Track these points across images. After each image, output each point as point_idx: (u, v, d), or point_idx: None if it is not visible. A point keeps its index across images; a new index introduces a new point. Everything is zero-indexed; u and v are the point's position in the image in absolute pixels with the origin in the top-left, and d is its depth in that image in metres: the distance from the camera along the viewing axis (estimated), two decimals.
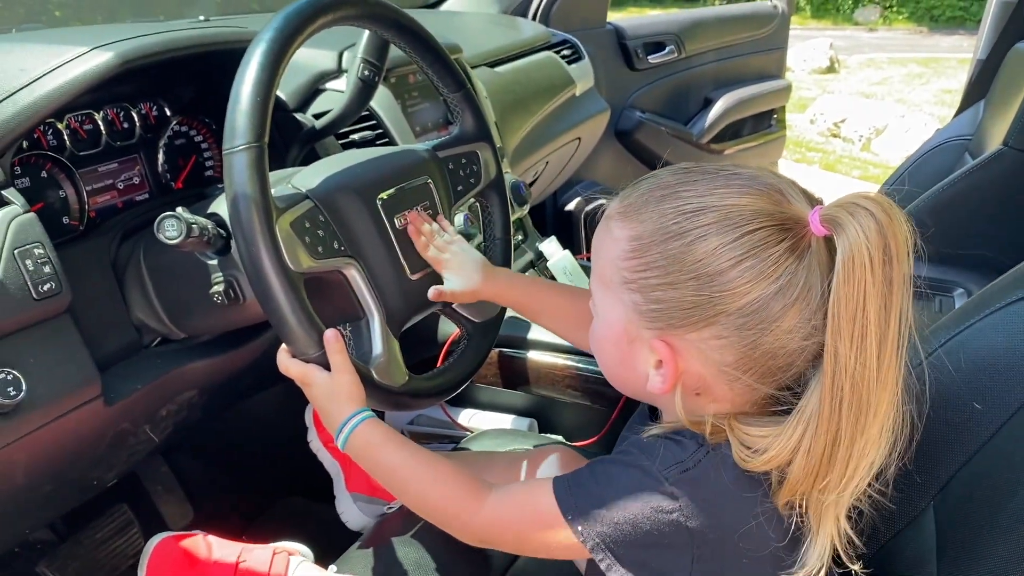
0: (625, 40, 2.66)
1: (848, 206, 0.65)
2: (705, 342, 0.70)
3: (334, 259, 0.89)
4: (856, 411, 0.66)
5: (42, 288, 0.84)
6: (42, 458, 0.91)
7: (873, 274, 0.63)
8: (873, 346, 0.64)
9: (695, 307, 0.68)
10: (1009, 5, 2.40)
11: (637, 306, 0.72)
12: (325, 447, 1.35)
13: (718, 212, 0.68)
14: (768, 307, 0.67)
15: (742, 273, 0.66)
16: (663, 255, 0.69)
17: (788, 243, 0.66)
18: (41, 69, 0.91)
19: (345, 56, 1.37)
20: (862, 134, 6.25)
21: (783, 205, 0.68)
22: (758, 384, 0.70)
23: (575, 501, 0.74)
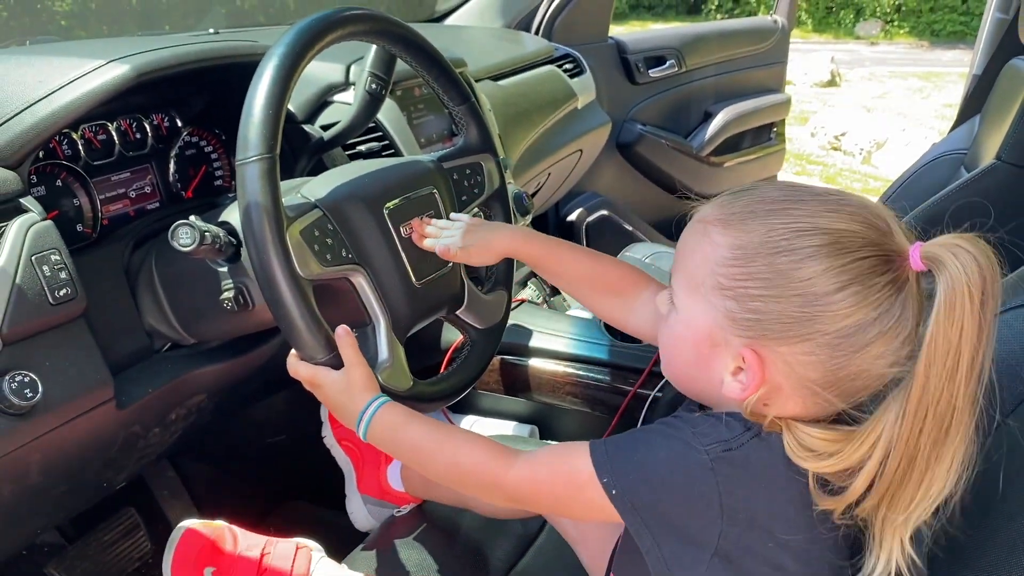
0: (626, 54, 2.69)
1: (949, 246, 0.67)
2: (795, 356, 0.71)
3: (342, 266, 0.92)
4: (935, 438, 0.68)
5: (58, 293, 0.87)
6: (56, 458, 0.93)
7: (972, 312, 0.65)
8: (963, 379, 0.66)
9: (795, 322, 0.70)
10: (1004, 22, 2.43)
11: (730, 313, 0.73)
12: (339, 443, 1.37)
13: (829, 235, 0.69)
14: (863, 332, 0.69)
15: (846, 297, 0.68)
16: (769, 268, 0.71)
17: (891, 275, 0.68)
18: (59, 81, 0.94)
19: (353, 69, 1.40)
20: (863, 147, 6.28)
21: (888, 237, 0.70)
22: (835, 400, 0.72)
23: (611, 463, 0.76)
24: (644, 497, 0.74)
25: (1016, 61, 1.90)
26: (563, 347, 1.47)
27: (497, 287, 1.17)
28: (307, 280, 0.85)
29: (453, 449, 0.86)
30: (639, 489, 0.74)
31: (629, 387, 1.40)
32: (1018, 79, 1.79)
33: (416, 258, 1.00)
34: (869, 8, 14.28)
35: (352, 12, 0.93)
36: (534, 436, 1.53)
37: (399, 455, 0.92)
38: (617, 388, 1.42)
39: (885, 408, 0.70)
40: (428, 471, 0.90)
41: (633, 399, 1.39)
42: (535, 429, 1.54)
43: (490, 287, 1.17)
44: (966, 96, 2.54)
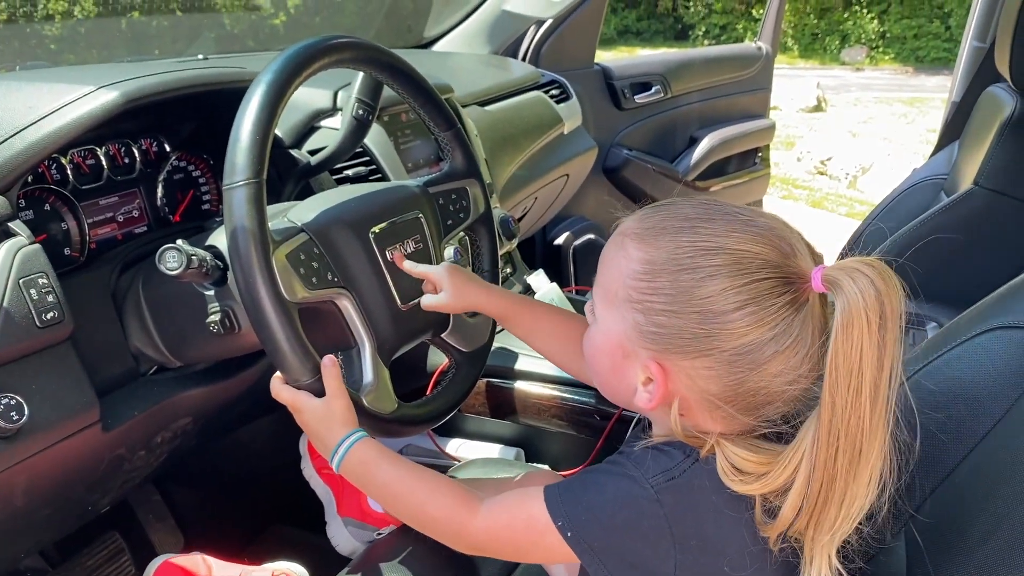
0: (612, 80, 2.72)
1: (848, 269, 0.69)
2: (696, 370, 0.74)
3: (327, 290, 0.93)
4: (850, 458, 0.70)
5: (45, 316, 0.88)
6: (41, 482, 0.94)
7: (869, 334, 0.67)
8: (867, 400, 0.68)
9: (694, 338, 0.72)
10: (981, 50, 2.47)
11: (638, 325, 0.76)
12: (318, 473, 1.38)
13: (731, 255, 0.72)
14: (760, 351, 0.71)
15: (743, 317, 0.70)
16: (673, 284, 0.73)
17: (789, 296, 0.71)
18: (49, 107, 0.95)
19: (340, 95, 1.41)
20: (848, 172, 6.34)
21: (790, 259, 0.72)
22: (737, 414, 0.74)
23: (564, 507, 0.78)
24: (598, 537, 0.76)
25: (993, 88, 1.93)
26: (548, 370, 1.47)
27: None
28: (293, 303, 0.86)
29: (424, 494, 0.87)
30: (592, 529, 0.76)
31: (614, 410, 1.41)
32: (995, 106, 1.82)
33: (401, 281, 1.01)
34: (854, 34, 14.47)
35: (339, 40, 0.95)
36: (519, 459, 1.54)
37: (369, 492, 0.93)
38: (602, 411, 1.43)
39: (804, 431, 0.72)
40: (396, 512, 0.91)
41: (618, 422, 1.40)
42: (521, 452, 1.55)
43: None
44: (946, 122, 2.58)
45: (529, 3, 2.40)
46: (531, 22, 2.47)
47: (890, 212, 2.12)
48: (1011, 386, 0.92)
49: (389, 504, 0.91)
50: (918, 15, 14.09)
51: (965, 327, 1.00)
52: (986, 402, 0.94)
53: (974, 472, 0.93)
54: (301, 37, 0.94)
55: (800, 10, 14.79)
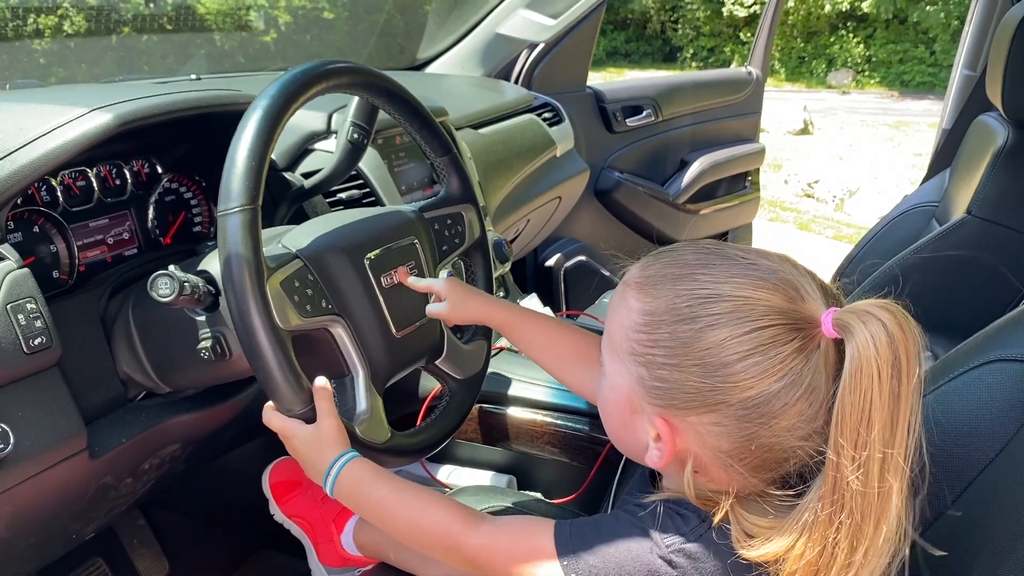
0: (604, 103, 2.73)
1: (861, 314, 0.65)
2: (704, 426, 0.70)
3: (321, 317, 0.91)
4: (858, 520, 0.65)
5: (33, 342, 0.86)
6: (26, 511, 0.91)
7: (880, 385, 0.63)
8: (876, 457, 0.64)
9: (698, 393, 0.69)
10: (972, 78, 2.49)
11: (642, 379, 0.72)
12: (290, 519, 1.36)
13: (731, 303, 0.68)
14: (770, 403, 0.67)
15: (747, 368, 0.66)
16: (672, 336, 0.70)
17: (798, 343, 0.66)
18: (40, 129, 0.94)
19: (335, 118, 1.41)
20: (835, 195, 6.38)
21: (797, 303, 0.68)
22: (750, 475, 0.71)
23: (573, 545, 0.75)
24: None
25: (984, 117, 1.94)
26: (542, 396, 1.46)
27: (477, 337, 1.17)
28: (286, 332, 0.85)
29: (419, 509, 0.86)
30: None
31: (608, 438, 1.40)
32: (986, 135, 1.83)
33: (396, 308, 1.00)
34: (841, 58, 14.63)
35: (337, 65, 0.94)
36: (512, 486, 1.52)
37: (363, 511, 0.90)
38: (596, 438, 1.42)
39: (810, 498, 0.68)
40: (391, 530, 0.89)
41: (612, 449, 1.39)
42: (513, 479, 1.53)
43: (469, 336, 1.17)
44: (936, 150, 2.59)
45: (522, 26, 2.41)
46: (524, 45, 2.48)
47: (881, 239, 2.12)
48: (1011, 419, 0.91)
49: (384, 522, 0.88)
50: (903, 40, 14.26)
51: (963, 359, 1.00)
52: (985, 435, 0.93)
53: (974, 506, 0.92)
54: (291, 54, 0.93)
55: (787, 34, 14.94)
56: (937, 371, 1.03)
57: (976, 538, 0.88)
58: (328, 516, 1.33)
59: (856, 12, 14.38)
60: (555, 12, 2.42)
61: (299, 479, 1.41)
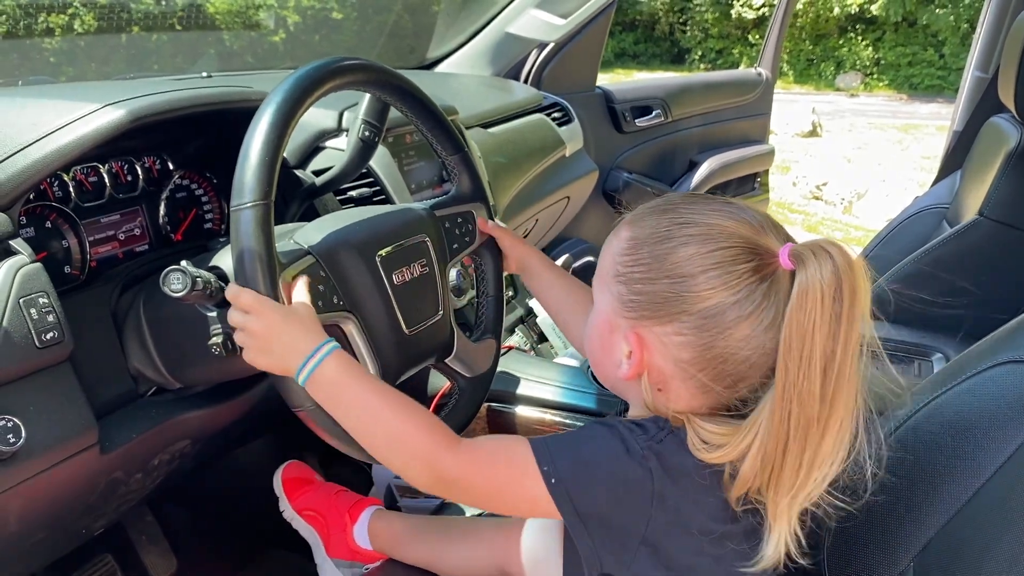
0: (613, 104, 2.73)
1: (814, 247, 0.75)
2: (668, 336, 0.79)
3: (333, 313, 0.92)
4: (804, 425, 0.74)
5: (45, 337, 0.86)
6: (37, 505, 0.92)
7: (823, 307, 0.72)
8: (818, 370, 0.72)
9: (665, 302, 0.78)
10: (983, 80, 2.48)
11: (621, 296, 0.82)
12: (300, 514, 1.36)
13: (702, 227, 0.78)
14: (725, 314, 0.76)
15: (708, 279, 0.76)
16: (650, 254, 0.80)
17: (753, 264, 0.76)
18: (54, 124, 0.94)
19: (346, 116, 1.41)
20: (844, 197, 6.37)
21: (760, 235, 0.78)
22: (710, 383, 0.79)
23: (551, 455, 0.80)
24: (581, 485, 0.79)
25: (996, 119, 1.94)
26: (550, 395, 1.46)
27: (486, 335, 1.17)
28: None
29: (403, 416, 0.84)
30: (577, 477, 0.79)
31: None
32: (998, 137, 1.82)
33: (407, 306, 1.00)
34: (849, 61, 14.60)
35: (350, 62, 0.94)
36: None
37: (339, 409, 0.85)
38: None
39: (763, 401, 0.77)
40: (365, 436, 0.85)
41: None
42: None
43: (479, 335, 1.17)
44: (947, 151, 2.59)
45: (532, 26, 2.41)
46: (534, 45, 2.48)
47: (892, 240, 2.12)
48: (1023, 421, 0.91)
49: (361, 423, 0.85)
50: (912, 43, 14.22)
51: (975, 361, 1.00)
52: (998, 437, 0.93)
53: (987, 507, 0.92)
54: (300, 54, 0.93)
55: (796, 36, 14.91)
56: (948, 373, 1.03)
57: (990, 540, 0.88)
58: (343, 507, 1.33)
59: (865, 15, 14.35)
60: (565, 12, 2.42)
61: (311, 477, 1.41)
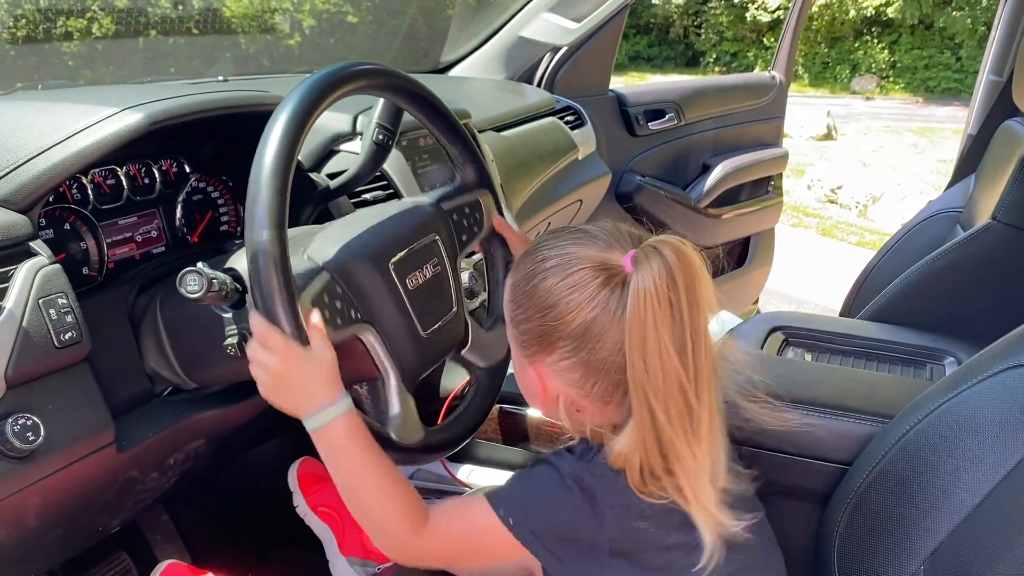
0: (626, 107, 2.73)
1: (647, 248, 0.81)
2: (556, 364, 0.86)
3: (352, 327, 0.93)
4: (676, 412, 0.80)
5: (64, 337, 0.87)
6: (54, 503, 0.93)
7: (659, 300, 0.78)
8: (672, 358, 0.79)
9: (544, 335, 0.85)
10: (998, 84, 2.47)
11: (516, 338, 0.90)
12: (314, 511, 1.37)
13: (556, 259, 0.85)
14: (590, 329, 0.82)
15: (569, 304, 0.83)
16: (523, 293, 0.87)
17: (601, 279, 0.82)
18: (73, 127, 0.96)
19: (360, 119, 1.42)
20: (859, 201, 6.34)
21: (606, 251, 0.84)
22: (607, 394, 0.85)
23: (503, 499, 0.87)
24: (536, 518, 0.85)
25: (1011, 123, 1.93)
26: None
27: (499, 322, 1.19)
28: None
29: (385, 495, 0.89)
30: (531, 512, 0.86)
31: None
32: (1013, 141, 1.82)
33: (422, 309, 1.01)
34: (865, 64, 14.53)
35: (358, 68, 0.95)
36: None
37: (332, 466, 0.89)
38: None
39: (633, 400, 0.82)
40: (349, 495, 0.91)
41: None
42: None
43: (492, 323, 1.18)
44: (961, 155, 2.57)
45: (545, 30, 2.42)
46: (547, 49, 2.48)
47: (905, 243, 2.11)
48: None
49: (346, 488, 0.90)
50: (929, 46, 14.14)
51: (986, 364, 1.00)
52: (1009, 441, 0.93)
53: (997, 510, 0.92)
54: (315, 58, 0.95)
55: (811, 39, 14.86)
56: (960, 376, 1.03)
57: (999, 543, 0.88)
58: None
59: (881, 17, 14.28)
60: (578, 15, 2.43)
61: (326, 474, 1.42)
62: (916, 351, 1.69)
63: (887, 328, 1.79)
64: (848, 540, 1.07)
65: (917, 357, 1.68)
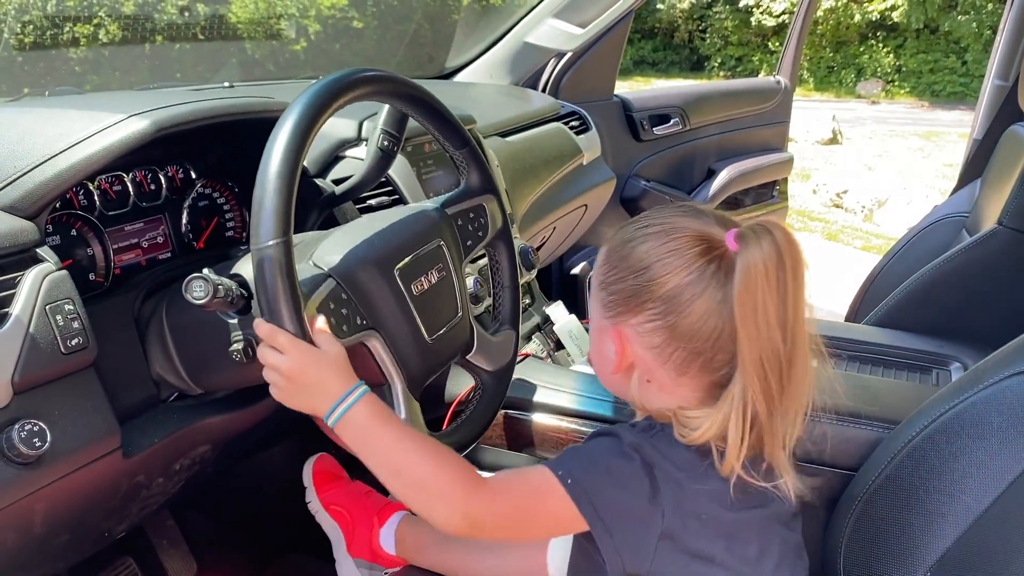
0: (631, 112, 2.73)
1: (755, 227, 0.83)
2: (641, 325, 0.88)
3: (358, 334, 0.93)
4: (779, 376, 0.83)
5: (70, 343, 0.88)
6: (60, 508, 0.93)
7: (767, 278, 0.80)
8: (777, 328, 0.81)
9: (633, 295, 0.87)
10: (1004, 88, 2.47)
11: (603, 300, 0.91)
12: (326, 508, 1.37)
13: (657, 226, 0.88)
14: (682, 295, 0.84)
15: (664, 266, 0.85)
16: (619, 256, 0.90)
17: (700, 249, 0.84)
18: (79, 135, 0.96)
19: (365, 125, 1.42)
20: (864, 205, 6.33)
21: (707, 225, 0.87)
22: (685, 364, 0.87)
23: (564, 464, 0.88)
24: (592, 480, 0.85)
25: (1016, 127, 1.93)
26: (567, 403, 1.47)
27: (504, 327, 1.19)
28: None
29: (431, 460, 0.87)
30: (588, 473, 0.86)
31: None
32: (1018, 145, 1.81)
33: (427, 314, 1.01)
34: (870, 68, 14.52)
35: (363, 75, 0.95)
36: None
37: (368, 451, 0.88)
38: None
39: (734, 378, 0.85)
40: (392, 477, 0.88)
41: None
42: None
43: (496, 327, 1.18)
44: (967, 159, 2.57)
45: (550, 35, 2.42)
46: (552, 54, 2.49)
47: (911, 248, 2.11)
48: None
49: (386, 470, 0.88)
50: (934, 50, 14.13)
51: (992, 370, 1.00)
52: (1015, 446, 0.93)
53: (1004, 516, 0.91)
54: (321, 63, 0.95)
55: (816, 43, 14.85)
56: (966, 381, 1.02)
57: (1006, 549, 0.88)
58: (372, 508, 1.35)
59: (886, 22, 14.27)
60: (583, 21, 2.43)
61: (341, 472, 1.42)
62: (922, 356, 1.68)
63: (892, 333, 1.78)
64: (854, 546, 1.07)
65: (923, 362, 1.67)
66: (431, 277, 1.04)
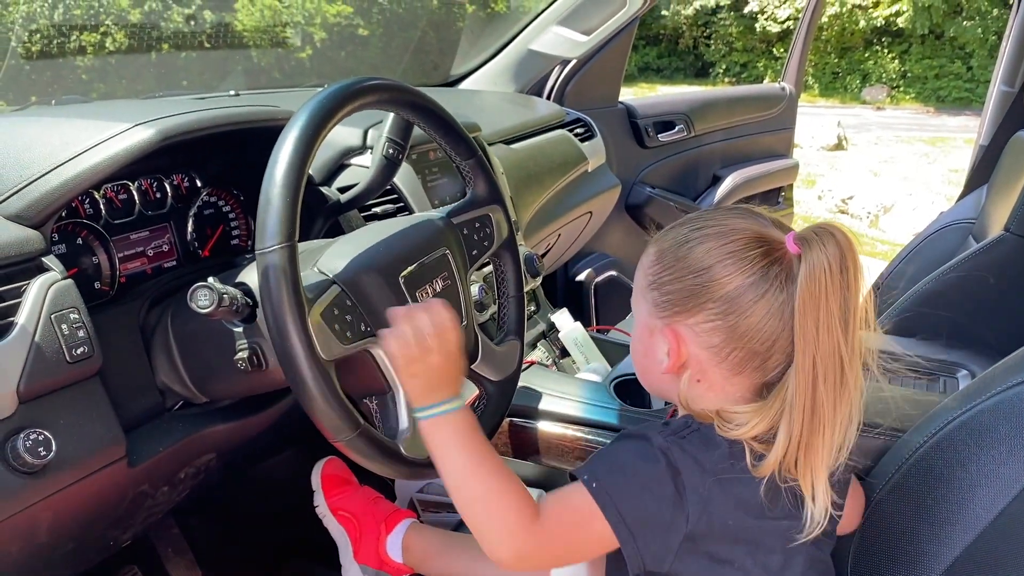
0: (636, 119, 2.73)
1: (817, 229, 0.85)
2: (699, 325, 0.87)
3: (362, 341, 0.92)
4: (833, 383, 0.83)
5: (75, 352, 0.88)
6: (66, 517, 0.93)
7: (832, 279, 0.81)
8: (839, 331, 0.82)
9: (692, 295, 0.87)
10: (1009, 95, 2.46)
11: (655, 301, 0.91)
12: (334, 513, 1.37)
13: (716, 227, 0.88)
14: (743, 296, 0.84)
15: (724, 267, 0.85)
16: (674, 257, 0.89)
17: (762, 250, 0.85)
18: (85, 143, 0.96)
19: (370, 134, 1.42)
20: (870, 211, 6.31)
21: (766, 228, 0.87)
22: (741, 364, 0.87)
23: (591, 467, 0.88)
24: (617, 484, 0.85)
25: (1022, 133, 1.92)
26: (572, 411, 1.46)
27: (509, 336, 1.19)
28: (329, 361, 0.86)
29: (498, 484, 0.88)
30: (613, 477, 0.85)
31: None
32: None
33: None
34: (875, 74, 14.51)
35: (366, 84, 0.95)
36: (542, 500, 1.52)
37: (444, 460, 0.90)
38: None
39: (786, 377, 0.85)
40: (462, 491, 0.90)
41: None
42: (543, 493, 1.52)
43: (502, 337, 1.18)
44: (973, 166, 2.56)
45: (555, 43, 2.43)
46: (556, 61, 2.49)
47: (917, 255, 2.10)
48: None
49: (459, 483, 0.90)
50: (939, 55, 14.12)
51: (1000, 378, 0.99)
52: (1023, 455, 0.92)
53: (1013, 524, 0.91)
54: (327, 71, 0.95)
55: (821, 49, 14.85)
56: (974, 390, 1.02)
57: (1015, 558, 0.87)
58: (380, 515, 1.35)
59: (891, 27, 14.27)
60: (588, 28, 2.44)
61: (350, 477, 1.42)
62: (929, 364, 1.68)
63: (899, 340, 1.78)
64: (863, 554, 1.06)
65: (930, 370, 1.67)
66: (436, 286, 1.04)
